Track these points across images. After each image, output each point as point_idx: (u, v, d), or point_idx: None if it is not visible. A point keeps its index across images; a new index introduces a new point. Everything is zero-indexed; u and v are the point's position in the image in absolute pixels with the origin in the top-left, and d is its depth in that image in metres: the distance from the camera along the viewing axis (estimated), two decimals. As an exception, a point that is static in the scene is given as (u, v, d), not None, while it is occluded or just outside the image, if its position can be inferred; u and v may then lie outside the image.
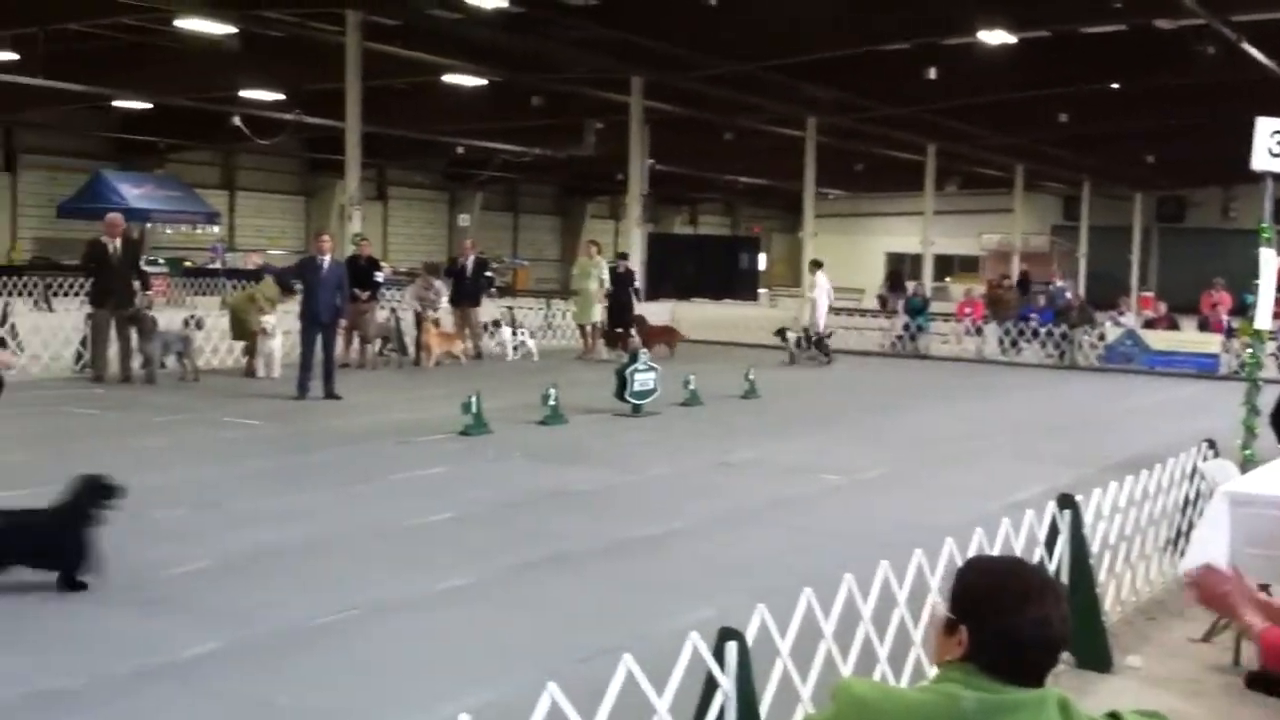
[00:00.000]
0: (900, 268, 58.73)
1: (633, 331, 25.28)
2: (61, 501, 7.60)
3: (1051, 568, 6.67)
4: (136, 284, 18.97)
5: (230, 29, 26.63)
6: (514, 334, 24.90)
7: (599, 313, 25.40)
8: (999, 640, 2.65)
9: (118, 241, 18.65)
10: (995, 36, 25.04)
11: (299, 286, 18.21)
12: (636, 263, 30.49)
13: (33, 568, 7.49)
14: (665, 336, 25.63)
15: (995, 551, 6.24)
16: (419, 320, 22.89)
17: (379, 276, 22.44)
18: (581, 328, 26.06)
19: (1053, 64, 29.55)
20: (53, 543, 7.47)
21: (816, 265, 30.20)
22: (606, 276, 25.32)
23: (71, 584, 7.44)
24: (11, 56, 28.42)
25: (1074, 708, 2.67)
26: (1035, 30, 26.93)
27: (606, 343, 25.26)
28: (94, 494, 7.60)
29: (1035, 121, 37.39)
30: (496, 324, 24.78)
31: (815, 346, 25.89)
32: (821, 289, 28.39)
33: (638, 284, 27.80)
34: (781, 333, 26.14)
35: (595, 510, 10.57)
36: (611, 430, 15.40)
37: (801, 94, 32.56)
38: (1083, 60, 29.27)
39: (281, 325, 19.95)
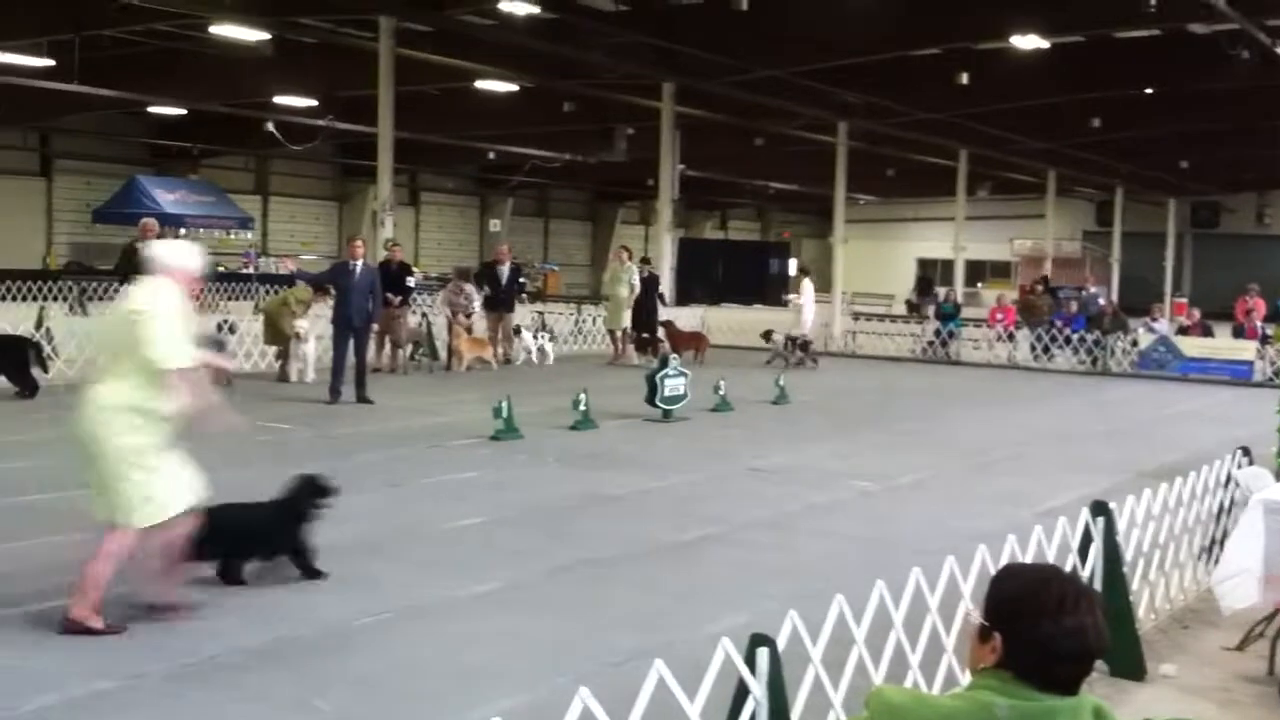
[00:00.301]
0: (929, 274, 58.60)
1: (661, 336, 25.32)
2: (281, 497, 8.08)
3: (1085, 575, 6.65)
4: None
5: (264, 35, 26.82)
6: (535, 338, 24.96)
7: (629, 318, 25.47)
8: (1033, 648, 2.65)
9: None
10: (1028, 41, 24.95)
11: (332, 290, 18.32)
12: (666, 268, 30.79)
13: (249, 559, 7.98)
14: (694, 342, 25.65)
15: (1028, 559, 6.23)
16: (450, 325, 22.97)
17: (410, 281, 22.53)
18: (612, 333, 26.12)
19: (1086, 69, 29.44)
20: (269, 536, 7.99)
21: (804, 272, 30.50)
22: (637, 282, 25.35)
23: (311, 572, 7.99)
24: (47, 63, 28.66)
25: (1109, 716, 2.67)
26: (1068, 35, 26.84)
27: (637, 348, 25.29)
28: (312, 492, 8.05)
29: (1068, 127, 37.25)
30: (517, 329, 24.84)
31: (800, 350, 25.96)
32: (808, 295, 28.49)
33: (664, 289, 27.86)
34: (768, 334, 26.28)
35: (627, 515, 10.59)
36: (642, 435, 15.41)
37: (833, 99, 32.54)
38: (1116, 65, 29.17)
39: (314, 329, 20.07)
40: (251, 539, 7.93)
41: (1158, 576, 7.90)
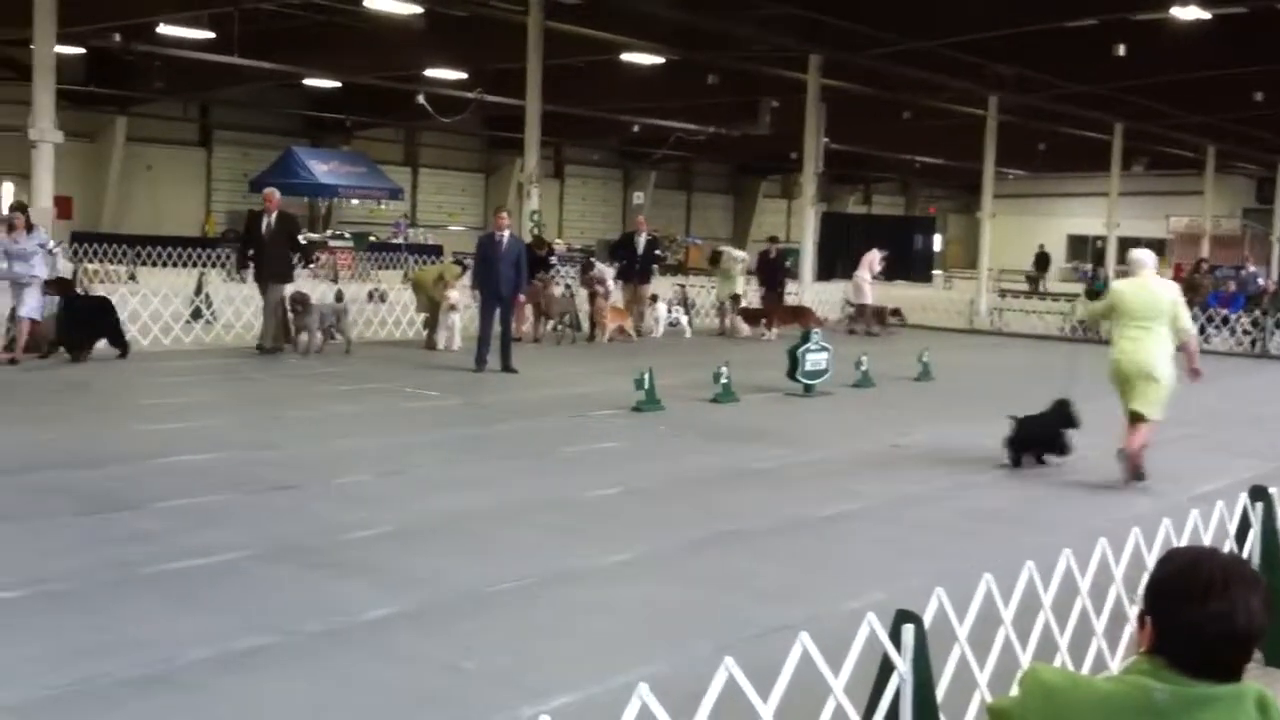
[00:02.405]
0: (1045, 250, 57.09)
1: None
2: (1048, 412, 12.03)
3: (1242, 561, 6.45)
4: (296, 258, 19.16)
5: (416, 9, 27.26)
6: (669, 311, 25.01)
7: (740, 286, 26.69)
8: (1179, 633, 2.59)
9: (272, 216, 18.95)
10: (1189, 12, 24.15)
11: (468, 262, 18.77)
12: (809, 242, 31.32)
13: (1042, 453, 11.97)
14: (801, 318, 24.95)
15: (1183, 543, 6.07)
16: (592, 297, 23.18)
17: (552, 258, 23.17)
18: (723, 304, 27.08)
19: (1249, 40, 28.39)
20: (1054, 438, 11.99)
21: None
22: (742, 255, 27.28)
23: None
24: (208, 35, 29.49)
25: (1274, 705, 2.59)
26: (1230, 6, 25.91)
27: (751, 321, 25.42)
28: (1066, 411, 11.97)
29: (1228, 100, 35.97)
30: (654, 298, 24.87)
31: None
32: (867, 268, 28.67)
33: (789, 264, 29.59)
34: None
35: (767, 488, 10.57)
36: (783, 409, 15.36)
37: (984, 72, 31.91)
38: (1280, 37, 28.08)
39: (464, 299, 20.41)
40: (1039, 441, 11.93)
41: (1318, 566, 7.63)
